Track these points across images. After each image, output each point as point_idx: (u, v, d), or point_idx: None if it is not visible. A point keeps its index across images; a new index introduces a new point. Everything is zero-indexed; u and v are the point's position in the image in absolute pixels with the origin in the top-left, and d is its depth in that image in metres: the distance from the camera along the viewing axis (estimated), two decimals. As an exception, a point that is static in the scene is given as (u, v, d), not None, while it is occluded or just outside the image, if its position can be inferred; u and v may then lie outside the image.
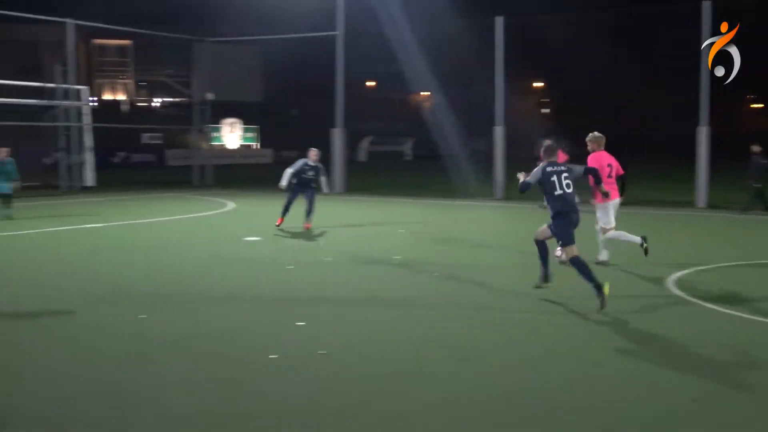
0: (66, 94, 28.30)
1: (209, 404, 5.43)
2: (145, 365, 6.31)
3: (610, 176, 10.75)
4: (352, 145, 48.38)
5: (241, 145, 55.37)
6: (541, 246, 8.77)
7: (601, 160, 10.72)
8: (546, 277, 8.79)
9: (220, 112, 44.80)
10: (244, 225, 17.13)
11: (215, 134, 43.67)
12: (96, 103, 57.45)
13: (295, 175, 15.46)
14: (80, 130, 28.70)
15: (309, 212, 15.53)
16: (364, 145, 58.62)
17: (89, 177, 28.95)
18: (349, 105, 28.12)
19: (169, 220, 18.04)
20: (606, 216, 10.78)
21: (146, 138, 52.22)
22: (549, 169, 8.60)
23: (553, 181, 8.54)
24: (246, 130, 54.63)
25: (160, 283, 9.90)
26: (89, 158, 29.13)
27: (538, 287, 8.79)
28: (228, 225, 17.33)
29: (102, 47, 74.71)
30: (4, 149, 17.83)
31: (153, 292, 9.32)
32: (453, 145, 38.91)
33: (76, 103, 28.55)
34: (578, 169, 8.96)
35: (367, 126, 61.40)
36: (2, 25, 60.42)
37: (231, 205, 21.96)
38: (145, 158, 47.40)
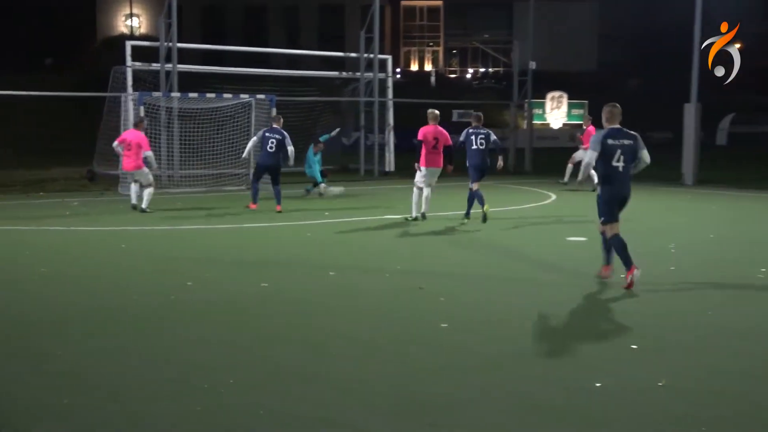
0: (369, 65, 30.02)
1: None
2: (459, 379, 6.53)
3: (435, 147, 16.04)
4: (708, 124, 46.27)
5: (565, 124, 55.12)
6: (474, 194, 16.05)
7: (428, 134, 16.01)
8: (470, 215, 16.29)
9: (544, 83, 44.93)
10: (567, 222, 17.11)
11: (537, 111, 43.82)
12: (399, 75, 60.39)
13: None
14: (383, 106, 30.31)
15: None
16: (724, 124, 55.70)
17: (389, 160, 30.44)
18: (706, 74, 26.90)
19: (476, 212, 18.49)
20: (422, 178, 16.13)
21: (456, 115, 54.03)
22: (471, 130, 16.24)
23: (471, 140, 16.11)
24: (572, 106, 54.23)
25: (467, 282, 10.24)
26: (390, 139, 30.67)
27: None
28: (550, 220, 17.39)
29: (410, 10, 78.25)
30: (320, 144, 21.73)
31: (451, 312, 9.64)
32: None
33: (379, 75, 30.16)
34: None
35: (729, 100, 58.33)
36: (306, -11, 66.17)
37: (552, 196, 22.04)
38: (453, 139, 48.98)
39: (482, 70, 77.27)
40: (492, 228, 15.54)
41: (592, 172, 23.07)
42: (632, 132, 10.53)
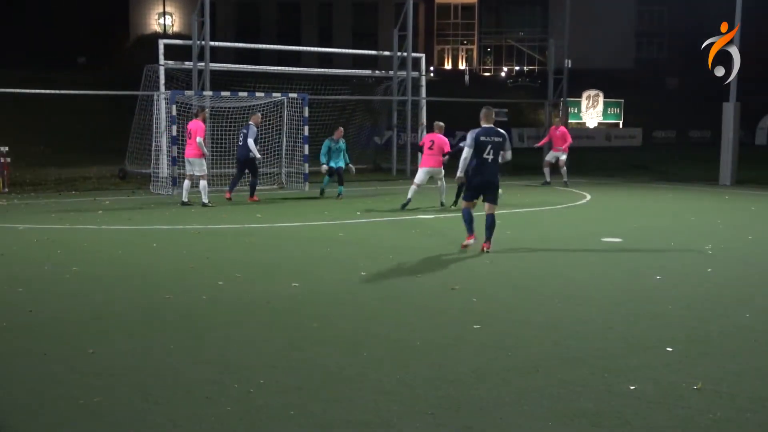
0: (402, 64, 30.03)
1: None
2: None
3: (431, 148, 18.49)
4: (748, 124, 45.89)
5: (601, 123, 54.85)
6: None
7: (425, 139, 19.13)
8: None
9: (580, 82, 44.76)
10: (602, 222, 17.04)
11: (573, 110, 43.57)
12: (433, 74, 60.35)
13: None
14: (416, 105, 30.32)
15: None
16: (764, 123, 55.16)
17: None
18: (747, 71, 26.67)
19: (519, 212, 18.45)
20: (420, 175, 18.70)
21: (490, 114, 53.91)
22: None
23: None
24: (608, 105, 53.98)
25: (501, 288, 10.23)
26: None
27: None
28: (584, 221, 17.34)
29: (444, 7, 78.14)
30: (340, 129, 21.54)
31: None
32: None
33: (412, 73, 30.16)
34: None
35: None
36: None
37: (587, 196, 21.94)
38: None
39: (517, 68, 77.00)
40: (522, 229, 15.52)
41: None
42: (502, 131, 12.88)
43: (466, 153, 12.57)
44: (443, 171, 18.87)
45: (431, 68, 64.00)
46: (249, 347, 7.47)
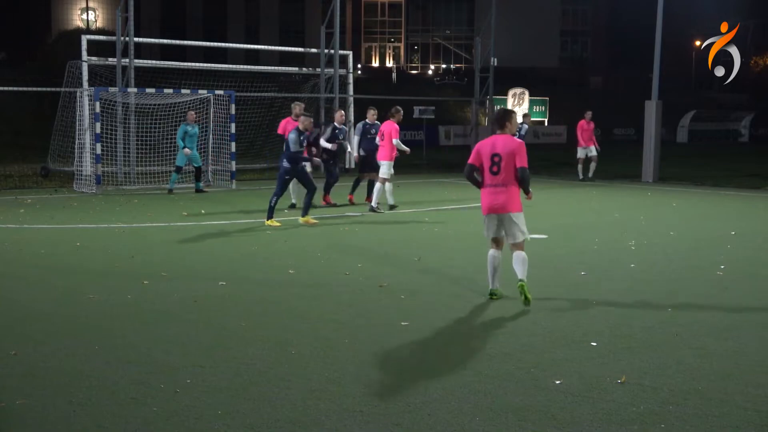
0: (329, 61, 29.95)
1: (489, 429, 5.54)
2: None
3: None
4: (669, 121, 46.84)
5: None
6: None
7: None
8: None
9: (506, 80, 45.15)
10: (527, 218, 17.08)
11: (499, 107, 43.95)
12: (360, 72, 60.35)
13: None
14: (344, 102, 30.28)
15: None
16: (685, 122, 56.36)
17: (350, 158, 30.39)
18: (669, 71, 27.24)
19: (442, 210, 18.56)
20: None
21: (417, 112, 54.14)
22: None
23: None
24: (533, 103, 54.59)
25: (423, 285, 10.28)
26: (351, 136, 30.61)
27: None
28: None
29: (371, 5, 78.23)
30: (192, 113, 21.56)
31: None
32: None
33: (340, 71, 30.10)
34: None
35: (689, 98, 58.96)
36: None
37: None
38: (414, 136, 49.08)
39: (444, 66, 77.45)
40: (447, 226, 15.60)
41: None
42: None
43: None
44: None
45: (359, 66, 64.00)
46: (175, 347, 7.39)
